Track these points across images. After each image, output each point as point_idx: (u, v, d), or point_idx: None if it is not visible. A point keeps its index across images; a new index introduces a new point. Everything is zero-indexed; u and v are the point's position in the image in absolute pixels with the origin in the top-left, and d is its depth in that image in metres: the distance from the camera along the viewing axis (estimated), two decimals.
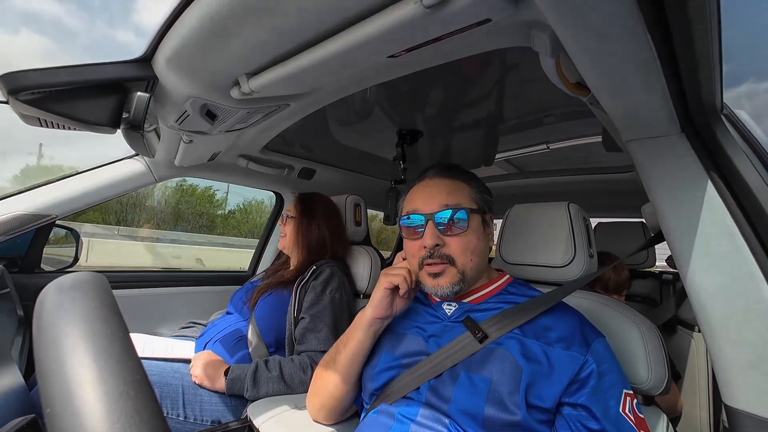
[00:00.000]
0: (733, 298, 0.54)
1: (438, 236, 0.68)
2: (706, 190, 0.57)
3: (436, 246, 0.67)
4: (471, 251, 0.69)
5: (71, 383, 0.23)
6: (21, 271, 1.25)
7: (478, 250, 0.70)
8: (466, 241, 0.68)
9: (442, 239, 0.68)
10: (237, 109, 0.80)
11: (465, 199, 0.71)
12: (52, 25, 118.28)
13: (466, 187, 0.73)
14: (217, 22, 0.52)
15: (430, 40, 0.53)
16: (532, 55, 0.56)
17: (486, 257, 0.74)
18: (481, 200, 0.73)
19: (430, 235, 0.68)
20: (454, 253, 0.68)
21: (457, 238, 0.68)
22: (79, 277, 0.30)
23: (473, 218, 0.70)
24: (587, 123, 1.13)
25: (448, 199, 0.70)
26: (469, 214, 0.69)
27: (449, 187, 0.72)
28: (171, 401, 0.94)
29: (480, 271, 0.73)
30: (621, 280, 1.40)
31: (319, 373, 0.80)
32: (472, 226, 0.69)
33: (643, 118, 0.60)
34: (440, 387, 0.63)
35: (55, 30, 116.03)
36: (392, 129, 1.29)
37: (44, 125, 0.73)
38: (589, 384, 0.57)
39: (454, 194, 0.71)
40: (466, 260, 0.68)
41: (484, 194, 0.75)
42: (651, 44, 0.44)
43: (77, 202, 1.18)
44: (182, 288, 1.62)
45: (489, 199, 0.76)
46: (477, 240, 0.70)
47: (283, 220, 1.31)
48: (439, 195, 0.70)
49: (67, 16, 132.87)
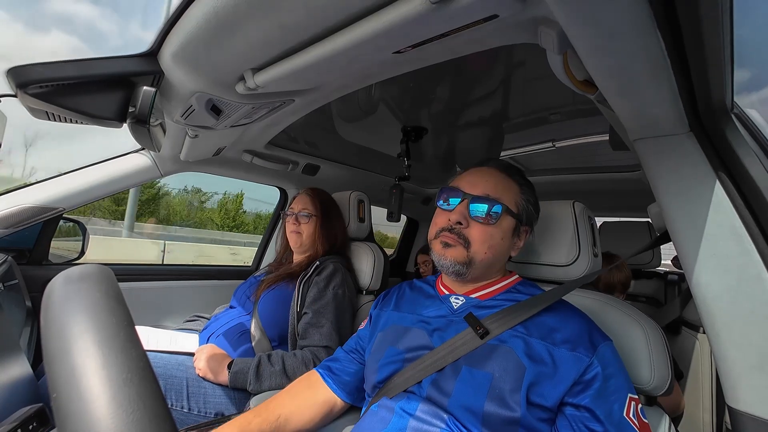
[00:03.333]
0: (740, 300, 0.54)
1: (465, 217, 0.69)
2: (714, 191, 0.57)
3: (458, 224, 0.69)
4: (489, 245, 0.69)
5: (77, 371, 0.23)
6: (29, 263, 1.27)
7: (496, 248, 0.70)
8: (489, 234, 0.69)
9: (468, 221, 0.69)
10: (242, 105, 0.80)
11: (508, 199, 0.71)
12: (84, 27, 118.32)
13: (516, 188, 0.73)
14: (222, 17, 0.52)
15: (436, 36, 0.53)
16: (538, 51, 0.55)
17: (501, 261, 0.74)
18: (524, 208, 0.73)
19: (458, 212, 0.69)
20: (473, 237, 0.68)
21: (481, 227, 0.68)
22: (86, 270, 0.30)
23: (506, 218, 0.70)
24: (594, 121, 1.11)
25: (492, 190, 0.70)
26: (504, 212, 0.69)
27: (500, 181, 0.72)
28: (176, 393, 0.95)
29: (488, 270, 0.73)
30: (622, 278, 1.40)
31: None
32: (501, 224, 0.69)
33: (651, 117, 0.59)
34: (442, 381, 0.63)
35: (87, 31, 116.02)
36: (397, 126, 1.29)
37: (52, 119, 0.74)
38: (594, 386, 0.57)
39: (501, 189, 0.71)
40: (480, 250, 0.68)
41: (530, 205, 0.74)
42: (661, 41, 0.43)
43: (84, 195, 1.19)
44: (187, 282, 1.63)
45: (533, 212, 0.75)
46: (500, 239, 0.70)
47: (295, 218, 1.27)
48: (486, 183, 0.71)
49: (101, 19, 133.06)
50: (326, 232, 1.25)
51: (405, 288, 0.86)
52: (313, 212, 1.26)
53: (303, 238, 1.25)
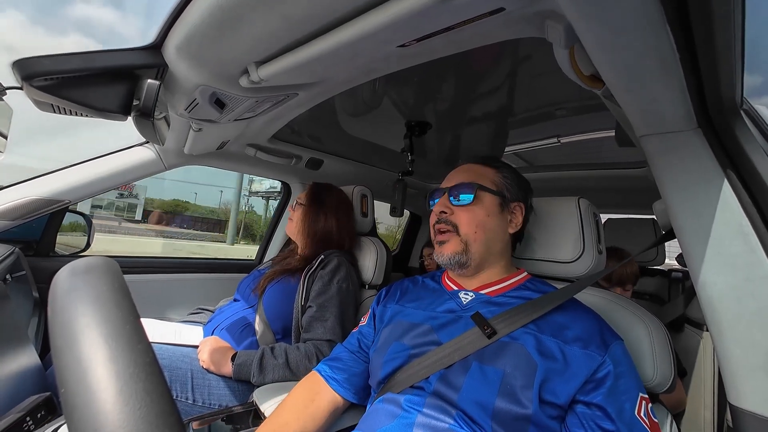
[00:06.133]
0: (745, 300, 0.53)
1: (447, 206, 0.75)
2: (721, 188, 0.56)
3: (442, 213, 0.75)
4: (477, 224, 0.73)
5: (84, 364, 0.24)
6: (36, 255, 1.28)
7: (485, 225, 0.73)
8: (472, 214, 0.73)
9: (451, 209, 0.75)
10: (246, 98, 0.80)
11: (484, 180, 0.76)
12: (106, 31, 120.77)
13: (491, 171, 0.78)
14: (227, 10, 0.51)
15: (442, 29, 0.52)
16: (544, 45, 0.54)
17: (499, 240, 0.75)
18: (504, 185, 0.77)
19: (440, 204, 0.76)
20: (460, 221, 0.74)
21: (464, 209, 0.74)
22: (91, 262, 0.30)
23: (485, 196, 0.74)
24: (600, 117, 1.10)
25: (466, 178, 0.77)
26: (480, 191, 0.74)
27: (473, 170, 0.79)
28: (180, 384, 0.96)
29: (489, 255, 0.74)
30: (627, 274, 1.39)
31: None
32: (483, 203, 0.74)
33: (659, 113, 0.58)
34: (451, 377, 0.63)
35: (107, 35, 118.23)
36: (401, 120, 1.28)
37: (57, 111, 0.74)
38: (605, 385, 0.57)
39: (474, 175, 0.77)
40: (470, 231, 0.73)
41: (513, 183, 0.78)
42: (671, 37, 0.43)
43: (89, 188, 1.20)
44: (191, 275, 1.65)
45: (516, 188, 0.78)
46: (486, 216, 0.73)
47: (292, 206, 1.33)
48: (461, 175, 0.78)
49: (122, 23, 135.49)
50: (311, 223, 1.26)
51: (407, 284, 0.86)
52: (303, 202, 1.30)
53: (292, 225, 1.31)
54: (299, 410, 0.75)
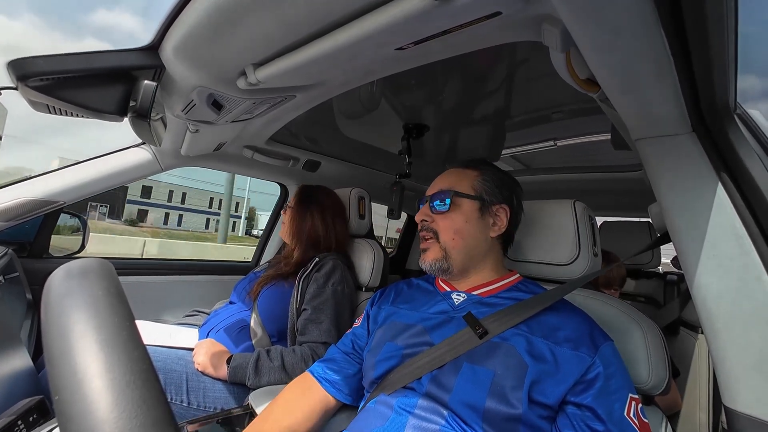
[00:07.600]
0: (740, 301, 0.54)
1: (427, 214, 0.77)
2: (715, 191, 0.57)
3: (423, 221, 0.78)
4: (455, 231, 0.74)
5: (78, 369, 0.23)
6: (30, 256, 1.27)
7: (464, 232, 0.74)
8: (450, 221, 0.74)
9: (431, 216, 0.77)
10: (243, 100, 0.80)
11: (463, 186, 0.76)
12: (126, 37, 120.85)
13: (472, 174, 0.78)
14: (224, 12, 0.51)
15: (439, 32, 0.52)
16: (541, 49, 0.55)
17: (481, 245, 0.75)
18: (483, 189, 0.76)
19: (422, 212, 0.79)
20: (439, 228, 0.75)
21: (442, 216, 0.75)
22: (86, 263, 0.30)
23: (462, 202, 0.75)
24: (596, 120, 1.11)
25: (445, 185, 0.78)
26: (456, 198, 0.75)
27: (454, 175, 0.79)
28: (175, 387, 0.95)
29: (472, 258, 0.74)
30: (613, 276, 1.41)
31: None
32: (461, 209, 0.75)
33: (654, 116, 0.59)
34: (442, 377, 0.63)
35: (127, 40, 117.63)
36: (398, 123, 1.28)
37: (53, 112, 0.73)
38: (596, 386, 0.58)
39: (454, 181, 0.78)
40: (447, 237, 0.74)
41: (494, 185, 0.77)
42: (665, 40, 0.43)
43: (84, 189, 1.19)
44: (186, 276, 1.64)
45: (498, 191, 0.77)
46: (464, 223, 0.74)
47: (284, 210, 1.34)
48: (442, 182, 0.79)
49: (142, 30, 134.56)
50: (299, 224, 1.26)
51: (402, 286, 0.86)
52: (291, 204, 1.30)
53: (284, 228, 1.31)
54: (290, 409, 0.76)
